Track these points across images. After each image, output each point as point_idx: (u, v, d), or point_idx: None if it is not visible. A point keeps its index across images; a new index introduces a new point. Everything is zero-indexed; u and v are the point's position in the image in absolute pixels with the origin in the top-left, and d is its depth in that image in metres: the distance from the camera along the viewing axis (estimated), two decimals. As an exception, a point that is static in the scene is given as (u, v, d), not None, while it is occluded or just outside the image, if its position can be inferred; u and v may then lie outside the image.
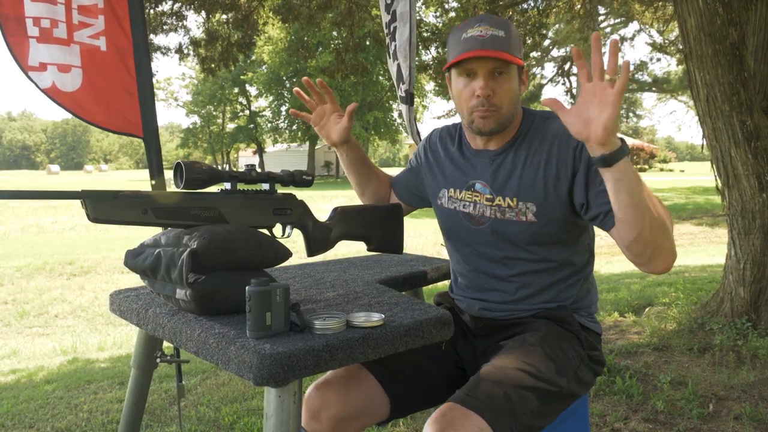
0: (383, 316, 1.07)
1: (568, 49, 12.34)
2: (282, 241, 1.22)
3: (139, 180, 35.81)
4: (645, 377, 2.66)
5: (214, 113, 41.72)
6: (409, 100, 2.43)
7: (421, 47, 7.25)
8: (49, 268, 8.64)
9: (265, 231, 1.24)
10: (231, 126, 41.54)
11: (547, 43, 11.47)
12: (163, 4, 5.77)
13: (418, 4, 7.65)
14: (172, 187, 1.27)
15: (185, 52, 6.62)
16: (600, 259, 7.66)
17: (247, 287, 0.97)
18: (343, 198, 18.83)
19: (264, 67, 32.63)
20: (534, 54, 11.51)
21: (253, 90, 37.91)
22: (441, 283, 1.73)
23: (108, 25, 2.01)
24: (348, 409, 1.24)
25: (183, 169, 1.13)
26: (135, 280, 7.20)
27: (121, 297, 1.34)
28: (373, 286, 1.40)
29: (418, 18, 8.09)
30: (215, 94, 38.45)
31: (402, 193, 1.58)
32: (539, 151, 1.29)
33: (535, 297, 1.34)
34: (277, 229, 1.28)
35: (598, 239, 1.48)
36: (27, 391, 3.18)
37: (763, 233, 3.04)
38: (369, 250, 1.43)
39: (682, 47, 3.18)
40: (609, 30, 15.19)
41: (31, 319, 6.32)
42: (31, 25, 1.88)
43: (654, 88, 19.95)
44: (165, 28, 6.03)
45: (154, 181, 2.04)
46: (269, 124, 37.34)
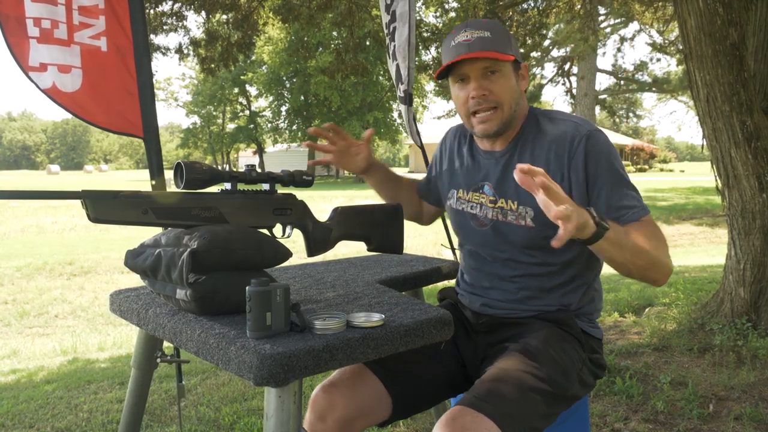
0: (383, 316, 1.07)
1: (569, 49, 12.34)
2: (282, 241, 1.22)
3: (139, 180, 35.82)
4: (645, 377, 2.66)
5: (214, 113, 41.71)
6: (408, 101, 2.43)
7: (420, 47, 7.25)
8: (49, 268, 8.64)
9: (265, 231, 1.24)
10: (231, 126, 41.52)
11: (547, 43, 11.47)
12: (163, 4, 5.77)
13: (418, 5, 7.65)
14: (172, 188, 1.27)
15: (185, 52, 6.61)
16: (600, 259, 7.63)
17: (247, 287, 0.97)
18: (343, 198, 18.83)
19: (264, 68, 32.63)
20: (534, 54, 11.50)
21: (253, 90, 37.92)
22: (441, 284, 1.74)
23: (109, 25, 2.02)
24: (354, 410, 1.25)
25: (183, 169, 1.13)
26: (135, 280, 7.20)
27: (122, 297, 1.34)
28: (373, 286, 1.40)
29: (418, 18, 8.10)
30: (215, 95, 38.44)
31: (427, 196, 1.61)
32: (540, 154, 1.29)
33: (537, 299, 1.34)
34: (278, 229, 1.28)
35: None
36: (27, 391, 3.18)
37: (763, 233, 3.04)
38: (369, 250, 1.43)
39: (682, 47, 3.18)
40: (609, 30, 15.20)
41: (31, 319, 6.32)
42: (32, 25, 1.88)
43: (654, 89, 19.95)
44: (165, 28, 6.03)
45: (154, 181, 2.04)
46: (269, 125, 37.35)
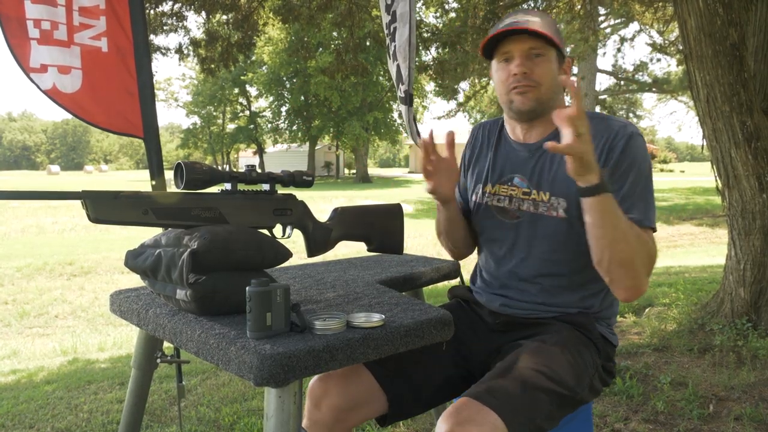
0: (383, 316, 1.07)
1: (569, 49, 12.33)
2: (282, 241, 1.22)
3: (139, 180, 35.82)
4: (645, 378, 2.66)
5: (215, 114, 41.71)
6: (408, 101, 2.43)
7: (421, 48, 7.25)
8: (50, 268, 8.64)
9: (265, 231, 1.24)
10: (231, 126, 41.51)
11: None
12: (164, 4, 5.77)
13: (418, 5, 7.66)
14: (172, 188, 1.27)
15: (185, 52, 6.61)
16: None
17: (247, 288, 0.97)
18: (343, 198, 18.83)
19: (264, 68, 32.63)
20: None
21: (253, 90, 37.91)
22: (441, 284, 1.73)
23: (109, 25, 2.02)
24: (347, 400, 1.26)
25: (183, 169, 1.13)
26: (135, 281, 7.20)
27: (122, 297, 1.34)
28: (374, 286, 1.40)
29: (418, 18, 8.09)
30: (215, 95, 38.44)
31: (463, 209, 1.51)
32: None
33: (558, 300, 1.33)
34: (278, 229, 1.28)
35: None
36: (27, 392, 3.18)
37: (763, 234, 3.04)
38: (369, 250, 1.43)
39: (682, 48, 3.18)
40: (609, 30, 15.19)
41: (32, 319, 6.32)
42: (32, 26, 1.88)
43: (654, 89, 19.94)
44: (165, 28, 6.03)
45: (154, 182, 2.05)
46: (269, 125, 37.33)
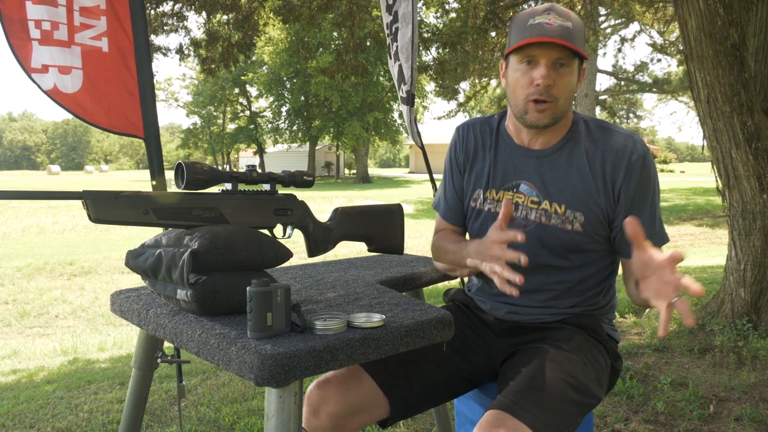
0: (384, 316, 1.07)
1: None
2: (283, 241, 1.22)
3: (139, 180, 35.85)
4: (645, 378, 2.66)
5: (215, 114, 41.74)
6: (410, 101, 2.43)
7: (421, 48, 7.25)
8: (50, 268, 8.64)
9: (266, 231, 1.24)
10: (231, 126, 41.55)
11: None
12: (164, 4, 5.77)
13: (419, 5, 7.65)
14: (173, 188, 1.27)
15: (186, 52, 6.62)
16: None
17: (248, 288, 0.97)
18: (344, 198, 18.84)
19: (264, 68, 32.65)
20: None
21: (253, 90, 37.93)
22: (441, 284, 1.74)
23: (110, 26, 2.02)
24: (347, 407, 1.24)
25: (184, 169, 1.13)
26: (136, 281, 7.21)
27: (122, 297, 1.34)
28: (374, 286, 1.40)
29: (419, 19, 8.09)
30: (216, 95, 38.47)
31: (461, 220, 1.44)
32: (593, 161, 1.25)
33: (565, 302, 1.32)
34: (278, 229, 1.28)
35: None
36: (27, 392, 3.18)
37: (763, 234, 3.04)
38: (370, 250, 1.43)
39: (682, 48, 3.18)
40: (609, 30, 15.19)
41: (32, 319, 6.32)
42: (33, 27, 1.89)
43: (654, 89, 19.93)
44: (166, 28, 6.03)
45: (155, 182, 2.05)
46: (270, 125, 37.35)
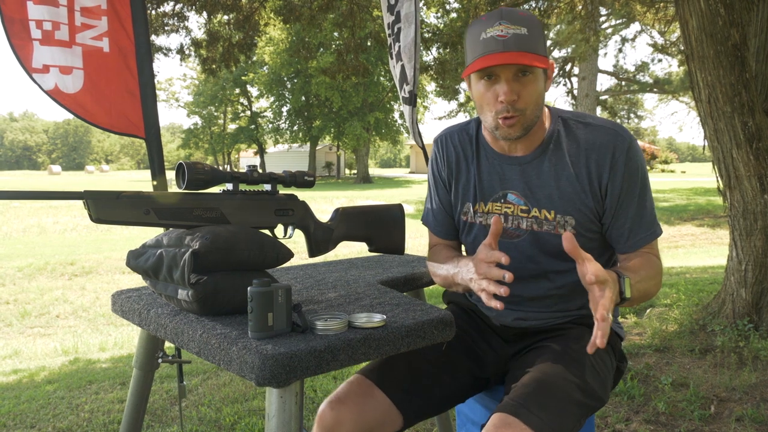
0: (385, 316, 1.07)
1: (570, 50, 12.34)
2: (283, 241, 1.22)
3: (140, 180, 35.87)
4: (646, 378, 2.66)
5: (216, 114, 41.77)
6: (412, 101, 2.42)
7: (422, 48, 7.25)
8: (51, 268, 8.65)
9: (266, 231, 1.24)
10: (232, 127, 41.58)
11: (548, 44, 11.48)
12: (165, 5, 5.78)
13: (419, 5, 7.65)
14: (173, 188, 1.27)
15: (187, 52, 6.62)
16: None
17: (249, 288, 0.97)
18: (344, 199, 18.84)
19: (265, 68, 32.67)
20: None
21: (254, 91, 37.97)
22: (442, 284, 1.73)
23: (111, 26, 2.02)
24: (362, 427, 1.20)
25: (185, 169, 1.13)
26: (137, 281, 7.21)
27: (123, 297, 1.34)
28: (375, 286, 1.40)
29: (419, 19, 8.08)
30: (216, 95, 38.50)
31: (453, 234, 1.42)
32: (577, 161, 1.22)
33: (572, 304, 1.31)
34: (279, 229, 1.28)
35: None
36: (28, 392, 3.18)
37: (764, 234, 3.03)
38: (370, 250, 1.43)
39: (683, 48, 3.18)
40: (610, 31, 15.18)
41: (33, 319, 6.32)
42: (34, 27, 1.89)
43: (655, 89, 19.91)
44: (167, 29, 6.03)
45: (155, 182, 2.05)
46: (270, 125, 37.38)
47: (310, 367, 0.93)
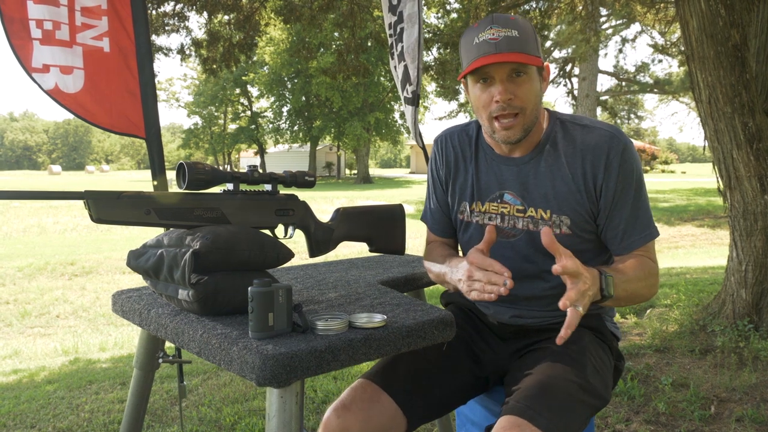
0: (385, 317, 1.07)
1: (570, 50, 12.34)
2: (284, 242, 1.22)
3: (141, 180, 35.87)
4: (646, 379, 2.66)
5: (216, 114, 41.77)
6: (415, 101, 2.42)
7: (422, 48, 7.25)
8: (51, 268, 8.65)
9: (267, 232, 1.24)
10: (232, 127, 41.58)
11: (548, 44, 11.47)
12: (166, 5, 5.78)
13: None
14: (174, 188, 1.27)
15: (187, 52, 6.62)
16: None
17: (249, 288, 0.97)
18: (345, 199, 18.84)
19: (266, 68, 32.66)
20: (535, 55, 11.45)
21: (254, 91, 37.97)
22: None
23: (111, 26, 2.02)
24: None
25: (186, 169, 1.13)
26: (137, 281, 7.20)
27: (124, 297, 1.34)
28: (375, 287, 1.40)
29: (420, 19, 8.08)
30: (217, 95, 38.50)
31: (450, 232, 1.45)
32: (573, 162, 1.24)
33: None
34: (280, 229, 1.28)
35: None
36: (28, 392, 3.18)
37: (765, 235, 3.03)
38: (371, 251, 1.43)
39: (684, 49, 3.18)
40: (611, 31, 15.19)
41: (33, 319, 6.32)
42: (35, 27, 1.89)
43: (656, 90, 19.91)
44: (167, 29, 6.04)
45: (156, 182, 2.05)
46: (271, 125, 37.38)
47: (311, 367, 0.93)
